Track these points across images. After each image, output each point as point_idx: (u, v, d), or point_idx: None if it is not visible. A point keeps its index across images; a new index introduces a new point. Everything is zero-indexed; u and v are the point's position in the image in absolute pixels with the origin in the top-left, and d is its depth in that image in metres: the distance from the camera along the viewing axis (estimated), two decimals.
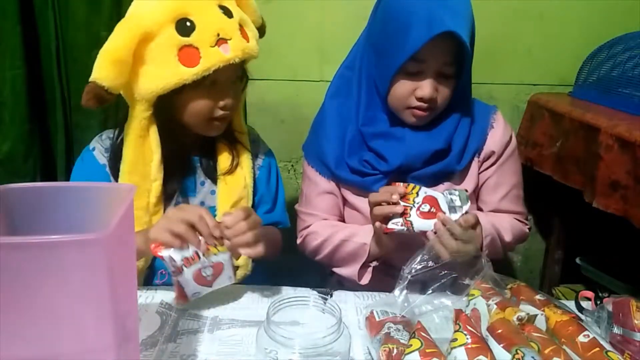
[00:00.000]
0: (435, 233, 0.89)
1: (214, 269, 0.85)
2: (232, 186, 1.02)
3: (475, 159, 1.08)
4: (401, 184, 0.92)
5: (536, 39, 1.59)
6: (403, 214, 0.90)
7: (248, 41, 0.93)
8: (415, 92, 0.98)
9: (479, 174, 1.10)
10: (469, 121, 1.07)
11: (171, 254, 0.81)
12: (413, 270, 0.83)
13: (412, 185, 0.92)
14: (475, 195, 1.12)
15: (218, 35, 0.88)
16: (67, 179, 1.45)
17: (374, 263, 1.05)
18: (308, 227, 1.12)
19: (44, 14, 1.37)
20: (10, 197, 0.63)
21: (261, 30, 1.02)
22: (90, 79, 0.85)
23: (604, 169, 1.18)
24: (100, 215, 0.61)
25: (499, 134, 1.08)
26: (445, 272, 0.84)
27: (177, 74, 0.88)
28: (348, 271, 1.05)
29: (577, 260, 1.60)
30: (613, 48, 1.44)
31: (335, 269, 1.09)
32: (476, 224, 0.91)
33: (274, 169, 1.14)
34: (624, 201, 1.14)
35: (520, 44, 1.59)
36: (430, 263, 0.85)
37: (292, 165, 1.69)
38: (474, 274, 0.83)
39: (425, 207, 0.90)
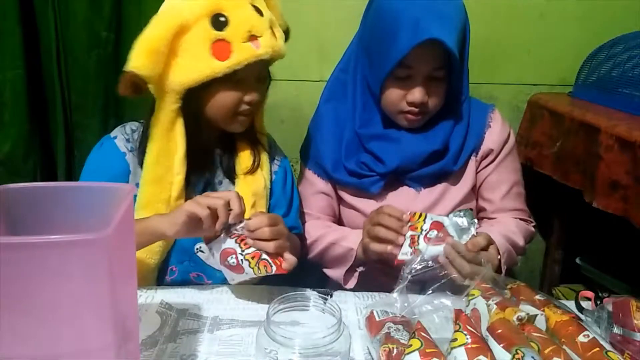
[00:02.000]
0: (447, 258, 0.88)
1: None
2: (252, 186, 1.03)
3: (473, 158, 1.08)
4: (406, 213, 0.92)
5: (536, 39, 1.59)
6: (411, 243, 0.89)
7: (277, 40, 0.96)
8: (406, 97, 0.99)
9: (477, 172, 1.10)
10: (466, 121, 1.07)
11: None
12: (413, 270, 0.83)
13: (418, 213, 0.92)
14: (475, 195, 1.12)
15: (250, 31, 0.91)
16: (67, 179, 1.46)
17: (360, 268, 1.04)
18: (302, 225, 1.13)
19: (44, 14, 1.36)
20: (10, 197, 0.63)
21: (287, 33, 1.04)
22: (127, 68, 0.87)
23: (604, 169, 1.18)
24: (100, 215, 0.61)
25: (496, 131, 1.09)
26: (445, 272, 0.84)
27: (209, 67, 0.90)
28: (335, 273, 1.06)
29: (577, 260, 1.60)
30: (613, 48, 1.44)
31: (324, 270, 1.10)
32: (488, 244, 0.90)
33: (289, 174, 1.14)
34: (624, 201, 1.14)
35: (520, 44, 1.59)
36: (430, 263, 0.85)
37: (292, 165, 1.68)
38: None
39: (433, 234, 0.89)
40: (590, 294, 0.88)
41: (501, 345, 0.64)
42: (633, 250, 1.44)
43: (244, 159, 1.04)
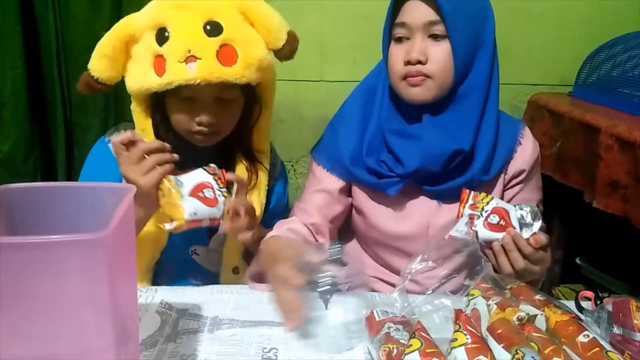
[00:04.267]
0: (503, 248, 0.85)
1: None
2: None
3: (502, 174, 1.02)
4: (472, 192, 0.89)
5: (536, 39, 1.59)
6: (469, 222, 0.86)
7: (230, 64, 0.89)
8: (404, 58, 0.94)
9: (504, 190, 1.04)
10: (494, 128, 0.99)
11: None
12: (413, 270, 0.83)
13: (483, 194, 0.89)
14: None
15: (189, 51, 0.87)
16: (67, 179, 1.46)
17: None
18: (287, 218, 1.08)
19: (44, 14, 1.37)
20: (10, 197, 0.63)
21: (282, 51, 0.98)
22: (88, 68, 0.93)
23: (604, 169, 1.18)
24: (100, 215, 0.61)
25: (528, 151, 1.03)
26: (445, 272, 0.84)
27: (147, 80, 0.90)
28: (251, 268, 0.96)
29: (577, 260, 1.60)
30: (613, 48, 1.44)
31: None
32: (547, 246, 0.86)
33: (286, 187, 1.15)
34: (624, 201, 1.14)
35: (520, 44, 1.59)
36: (430, 263, 0.85)
37: (292, 165, 1.69)
38: (474, 275, 0.83)
39: (494, 219, 0.86)
40: (590, 294, 0.88)
41: (501, 345, 0.64)
42: (633, 250, 1.44)
43: (240, 174, 1.02)
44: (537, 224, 0.85)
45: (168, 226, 0.84)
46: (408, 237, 1.01)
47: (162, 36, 0.89)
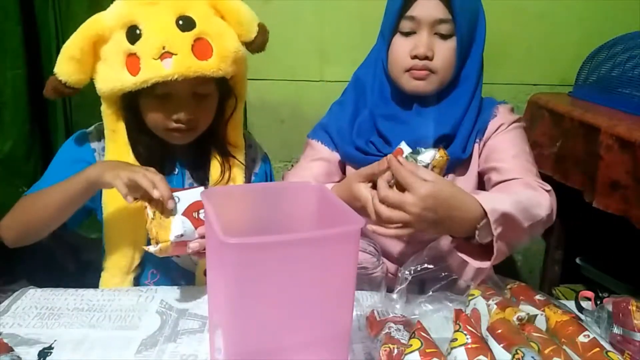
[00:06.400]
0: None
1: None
2: None
3: (477, 142, 1.03)
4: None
5: (536, 39, 1.59)
6: None
7: (206, 58, 0.88)
8: (410, 52, 0.97)
9: (480, 152, 1.03)
10: (475, 111, 1.03)
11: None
12: (413, 271, 0.83)
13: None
14: (479, 179, 1.05)
15: (163, 48, 0.85)
16: None
17: None
18: None
19: (44, 14, 1.37)
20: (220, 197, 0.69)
21: (253, 44, 0.97)
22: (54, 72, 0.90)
23: (604, 169, 1.18)
24: (300, 212, 0.71)
25: (502, 116, 1.03)
26: (446, 273, 0.84)
27: (120, 80, 0.88)
28: None
29: (577, 260, 1.60)
30: (613, 48, 1.44)
31: None
32: (434, 189, 0.75)
33: (269, 175, 1.14)
34: (624, 201, 1.14)
35: (520, 44, 1.59)
36: (431, 264, 0.85)
37: (292, 165, 1.69)
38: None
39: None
40: (590, 294, 0.88)
41: (501, 345, 0.64)
42: (633, 250, 1.44)
43: (214, 170, 1.02)
44: (427, 155, 0.81)
45: (152, 248, 0.82)
46: None
47: (133, 34, 0.87)
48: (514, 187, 0.92)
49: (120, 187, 0.81)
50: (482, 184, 1.04)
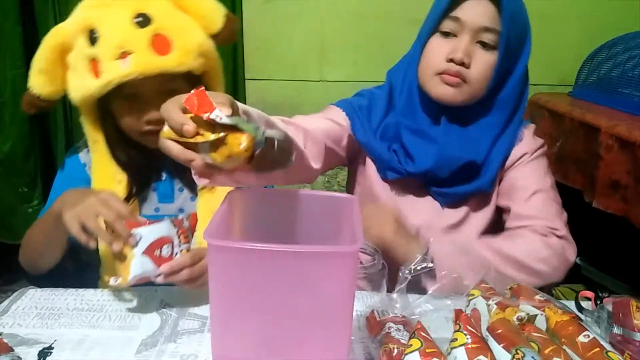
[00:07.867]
0: None
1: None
2: (211, 203, 0.97)
3: (498, 180, 0.97)
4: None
5: (536, 39, 1.58)
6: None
7: (166, 53, 0.85)
8: (447, 55, 0.89)
9: (500, 182, 0.98)
10: (510, 140, 0.96)
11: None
12: (413, 270, 0.83)
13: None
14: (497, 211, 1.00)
15: (121, 47, 0.83)
16: None
17: None
18: None
19: (44, 14, 1.37)
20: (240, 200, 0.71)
21: (220, 36, 0.93)
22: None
23: (604, 169, 1.19)
24: (322, 224, 0.70)
25: (527, 142, 0.98)
26: (446, 273, 0.84)
27: (85, 86, 0.87)
28: None
29: (577, 260, 1.60)
30: (613, 48, 1.44)
31: None
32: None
33: None
34: (624, 201, 1.14)
35: None
36: (430, 264, 0.85)
37: None
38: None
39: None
40: (590, 294, 0.88)
41: (501, 345, 0.64)
42: (633, 250, 1.44)
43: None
44: None
45: (112, 282, 0.79)
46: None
47: (92, 38, 0.86)
48: (517, 239, 0.91)
49: (77, 235, 0.77)
50: (500, 216, 1.00)
